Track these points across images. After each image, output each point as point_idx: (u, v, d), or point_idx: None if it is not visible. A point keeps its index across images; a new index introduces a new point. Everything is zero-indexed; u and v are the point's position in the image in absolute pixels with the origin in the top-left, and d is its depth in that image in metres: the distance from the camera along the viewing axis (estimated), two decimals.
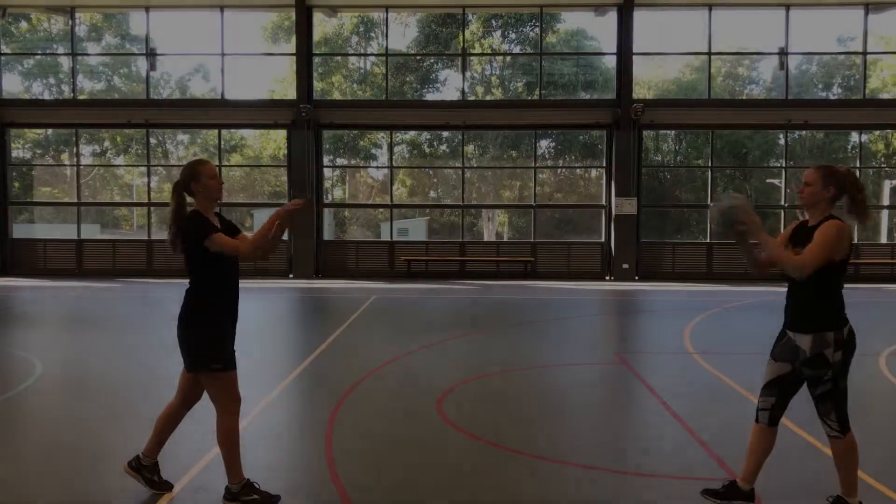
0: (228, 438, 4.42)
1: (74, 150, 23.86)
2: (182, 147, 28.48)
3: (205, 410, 5.05)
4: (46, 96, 25.29)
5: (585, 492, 4.72)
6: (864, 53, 21.68)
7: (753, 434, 4.40)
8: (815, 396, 4.17)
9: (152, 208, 23.05)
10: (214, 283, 4.40)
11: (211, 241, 4.27)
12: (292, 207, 4.38)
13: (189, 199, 4.50)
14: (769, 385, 4.33)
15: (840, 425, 4.14)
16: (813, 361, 4.10)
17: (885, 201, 24.07)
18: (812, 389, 4.17)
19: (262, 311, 13.98)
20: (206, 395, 4.56)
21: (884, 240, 23.61)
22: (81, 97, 23.34)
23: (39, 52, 26.15)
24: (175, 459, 5.05)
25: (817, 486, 4.70)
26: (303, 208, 4.48)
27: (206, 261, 4.36)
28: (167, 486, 4.60)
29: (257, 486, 4.48)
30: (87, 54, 26.38)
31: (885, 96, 24.41)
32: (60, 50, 25.83)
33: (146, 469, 4.57)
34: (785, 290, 4.34)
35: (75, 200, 22.77)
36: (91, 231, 24.62)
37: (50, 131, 25.42)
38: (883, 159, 25.65)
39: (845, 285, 4.21)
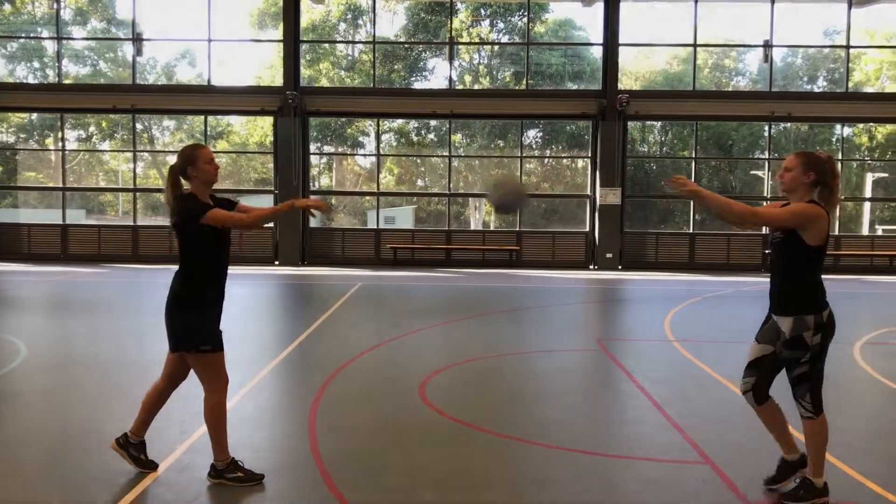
0: (215, 417, 4.51)
1: (60, 134, 23.73)
2: (168, 133, 28.37)
3: (192, 389, 5.13)
4: (31, 80, 25.11)
5: (563, 471, 4.83)
6: (848, 47, 21.88)
7: (759, 415, 4.58)
8: (792, 378, 4.30)
9: (138, 194, 22.99)
10: (205, 266, 4.49)
11: (209, 217, 4.35)
12: (314, 206, 4.50)
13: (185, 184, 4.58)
14: (750, 366, 4.49)
15: (814, 406, 4.27)
16: (792, 343, 4.23)
17: (868, 193, 24.32)
18: (789, 371, 4.30)
19: (248, 297, 14.02)
20: (192, 376, 4.65)
21: (865, 231, 23.87)
22: (67, 81, 23.20)
23: (24, 35, 25.93)
24: (161, 439, 5.12)
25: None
26: (325, 213, 4.62)
27: (198, 243, 4.44)
28: (152, 466, 4.67)
29: (242, 465, 4.57)
30: (74, 38, 26.21)
31: (868, 90, 24.65)
32: (45, 33, 25.64)
33: (133, 447, 4.65)
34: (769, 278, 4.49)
35: (60, 185, 22.69)
36: (76, 216, 24.53)
37: (35, 116, 25.26)
38: (866, 152, 25.90)
39: (826, 276, 4.34)
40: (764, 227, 4.45)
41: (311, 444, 5.26)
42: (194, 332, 4.44)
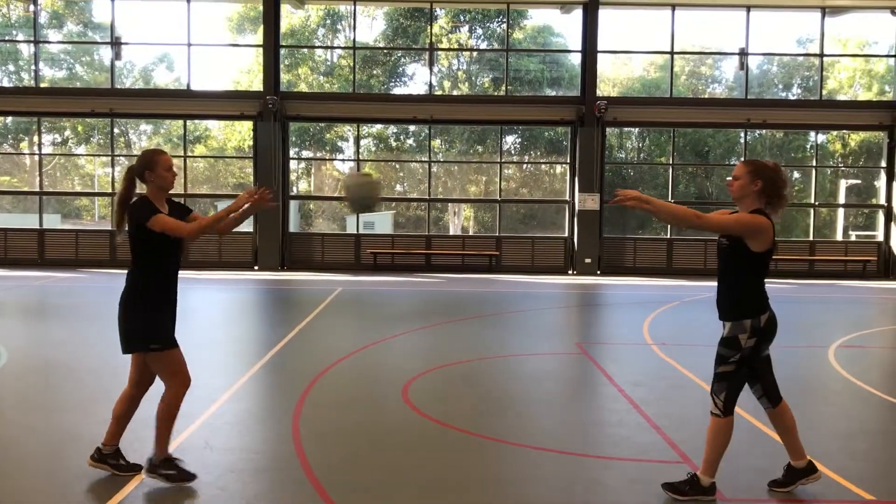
0: (167, 413, 4.55)
1: (35, 139, 23.54)
2: (145, 137, 28.22)
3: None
4: (6, 83, 24.89)
5: (546, 472, 4.91)
6: (822, 55, 22.24)
7: (771, 419, 4.64)
8: (716, 373, 4.41)
9: (114, 198, 22.85)
10: (154, 267, 4.53)
11: (153, 222, 4.40)
12: (259, 200, 4.51)
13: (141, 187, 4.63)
14: (749, 376, 4.54)
15: (724, 406, 4.39)
16: (726, 341, 4.37)
17: (841, 200, 24.69)
18: (716, 366, 4.41)
19: (228, 302, 14.00)
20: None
21: (839, 237, 24.23)
22: (43, 85, 23.03)
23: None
24: (142, 441, 5.14)
25: (771, 466, 4.92)
26: (269, 204, 4.61)
27: (146, 245, 4.49)
28: (136, 468, 4.67)
29: (177, 463, 4.59)
30: (51, 42, 26.04)
31: (841, 97, 25.05)
32: (20, 36, 25.44)
33: (110, 457, 4.64)
34: None
35: (37, 190, 22.49)
36: (51, 221, 24.32)
37: (9, 119, 25.03)
38: (839, 159, 26.29)
39: (800, 281, 4.45)
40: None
41: (295, 448, 5.29)
42: (141, 331, 4.49)
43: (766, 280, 4.47)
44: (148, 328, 4.49)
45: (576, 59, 23.25)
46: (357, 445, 5.40)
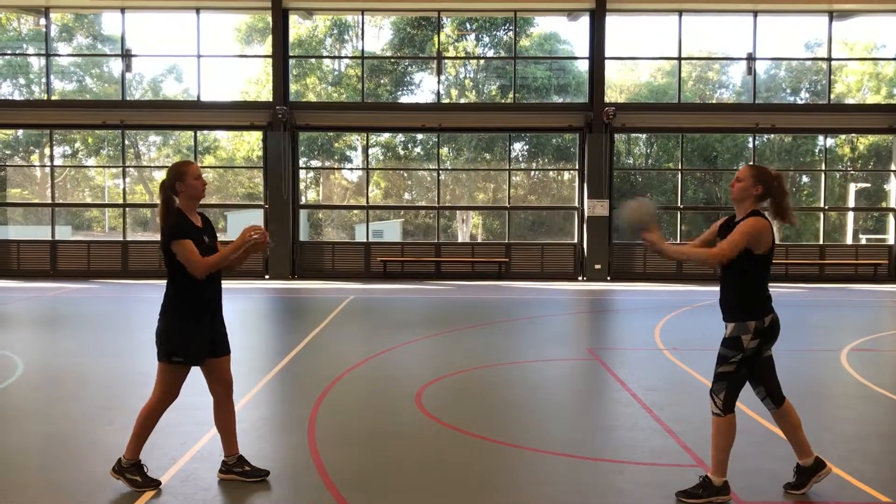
0: (147, 418, 4.63)
1: (47, 151, 23.71)
2: (154, 148, 28.40)
3: (191, 400, 5.22)
4: (17, 97, 25.09)
5: (559, 476, 4.94)
6: (829, 59, 22.22)
7: (776, 419, 4.66)
8: (716, 373, 4.46)
9: (127, 209, 22.99)
10: (187, 280, 4.59)
11: (177, 245, 4.49)
12: (252, 237, 4.56)
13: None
14: (752, 378, 4.58)
15: (724, 405, 4.44)
16: (728, 342, 4.42)
17: (851, 203, 24.64)
18: (716, 366, 4.46)
19: (240, 311, 14.06)
20: (187, 386, 4.73)
21: (849, 241, 24.17)
22: (54, 98, 23.22)
23: (10, 52, 25.88)
24: (164, 449, 5.20)
25: (783, 470, 4.94)
26: (265, 245, 4.67)
27: (175, 259, 4.57)
28: (154, 484, 4.65)
29: (145, 470, 4.64)
30: (63, 55, 26.26)
31: (850, 101, 25.02)
32: (31, 50, 25.66)
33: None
34: None
35: (48, 201, 22.67)
36: (63, 233, 24.48)
37: (20, 132, 25.22)
38: (848, 163, 26.24)
39: (812, 285, 4.49)
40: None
41: (311, 454, 5.34)
42: (168, 341, 4.57)
43: (769, 282, 4.52)
44: (177, 340, 4.56)
45: (583, 66, 23.31)
46: (373, 451, 5.44)
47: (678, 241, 22.26)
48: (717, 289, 4.69)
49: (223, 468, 4.81)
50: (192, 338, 4.60)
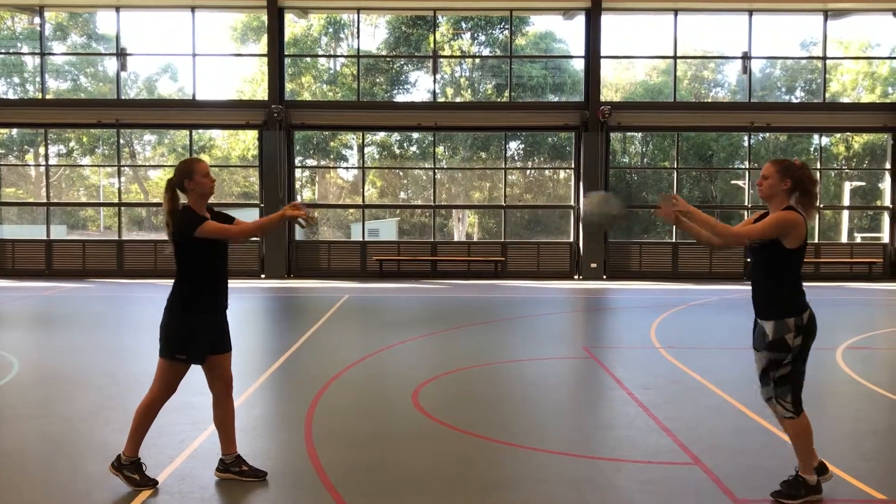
0: (145, 414, 4.64)
1: (42, 150, 23.66)
2: (150, 147, 28.35)
3: (187, 399, 5.21)
4: (11, 96, 25.02)
5: (556, 474, 4.94)
6: (824, 58, 22.27)
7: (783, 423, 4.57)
8: (775, 379, 4.41)
9: (122, 209, 22.95)
10: (199, 277, 4.61)
11: (202, 230, 4.50)
12: (302, 215, 4.63)
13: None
14: (762, 376, 4.51)
15: (794, 406, 4.40)
16: (775, 345, 4.36)
17: (846, 202, 24.70)
18: (773, 372, 4.41)
19: (236, 310, 14.01)
20: (185, 384, 4.73)
21: (844, 239, 24.23)
22: (49, 97, 23.16)
23: (4, 50, 25.79)
24: (160, 448, 5.19)
25: (780, 467, 4.95)
26: (312, 224, 4.73)
27: (193, 255, 4.58)
28: (151, 483, 4.67)
29: (144, 469, 4.64)
30: (58, 54, 26.18)
31: (844, 100, 25.09)
32: (25, 49, 25.59)
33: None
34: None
35: (43, 201, 22.62)
36: (58, 232, 24.43)
37: (15, 131, 25.15)
38: (843, 161, 26.31)
39: (806, 283, 4.49)
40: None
41: (308, 453, 5.34)
42: (175, 338, 4.59)
43: (802, 278, 4.50)
44: (180, 338, 4.58)
45: (578, 65, 23.32)
46: (369, 450, 5.44)
47: (674, 241, 22.31)
48: (713, 287, 4.70)
49: (220, 467, 4.81)
50: (196, 335, 4.60)
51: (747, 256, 4.29)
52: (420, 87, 26.01)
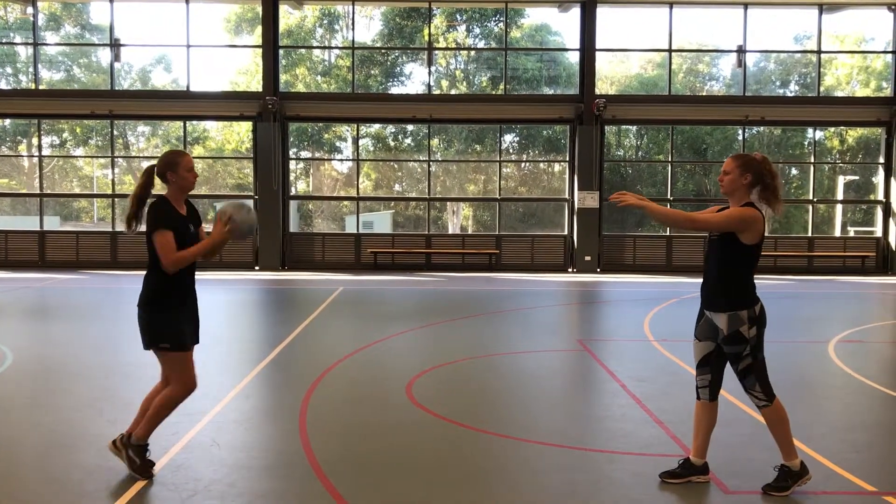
0: (164, 405, 4.63)
1: (35, 141, 23.56)
2: (143, 139, 28.24)
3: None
4: (3, 86, 24.89)
5: (550, 466, 4.96)
6: (819, 52, 22.30)
7: (697, 411, 4.71)
8: (738, 372, 4.49)
9: (116, 200, 22.89)
10: (161, 270, 4.58)
11: (156, 236, 4.48)
12: (226, 233, 4.54)
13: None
14: (702, 363, 4.66)
15: (765, 394, 4.46)
16: (731, 338, 4.44)
17: (839, 196, 24.76)
18: (734, 366, 4.50)
19: (230, 302, 14.04)
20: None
21: (837, 233, 24.29)
22: (42, 87, 23.05)
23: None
24: (154, 440, 5.18)
25: (772, 459, 4.98)
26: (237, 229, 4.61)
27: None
28: (150, 465, 4.71)
29: (147, 453, 4.65)
30: (51, 44, 26.04)
31: (839, 94, 25.11)
32: (18, 39, 25.44)
33: (132, 449, 4.68)
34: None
35: (36, 192, 22.55)
36: (51, 223, 24.35)
37: (8, 122, 25.03)
38: (837, 155, 26.35)
39: (800, 277, 4.52)
40: None
41: (302, 444, 5.35)
42: (154, 329, 4.58)
43: (756, 273, 4.57)
44: (160, 327, 4.57)
45: (574, 58, 23.29)
46: (363, 442, 5.45)
47: (668, 234, 22.36)
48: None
49: (120, 440, 4.71)
50: (181, 325, 4.61)
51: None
52: (415, 79, 25.96)
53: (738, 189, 4.46)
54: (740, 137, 23.50)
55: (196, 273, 4.80)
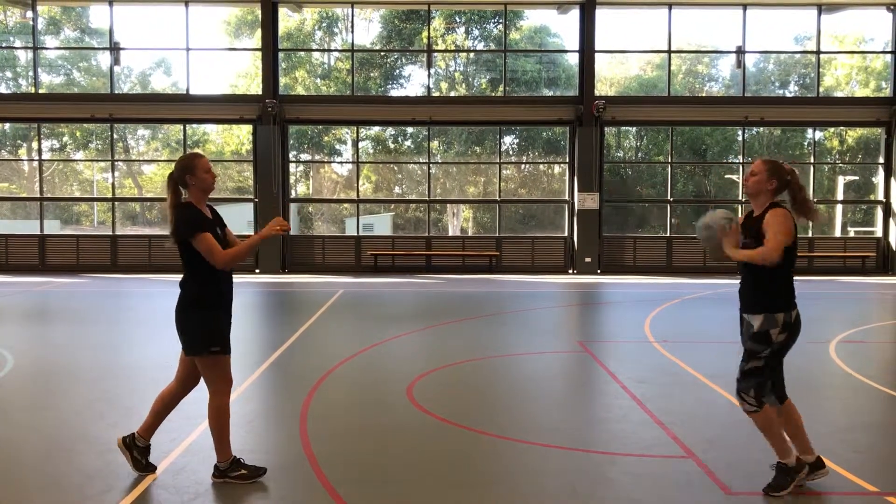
0: (219, 418, 4.62)
1: (35, 145, 23.57)
2: (143, 142, 28.23)
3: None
4: (3, 90, 24.91)
5: (551, 467, 4.96)
6: (818, 52, 22.32)
7: (774, 418, 4.56)
8: (745, 370, 4.46)
9: (116, 203, 22.89)
10: (204, 271, 4.58)
11: (198, 241, 4.47)
12: (278, 231, 4.57)
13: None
14: None
15: (756, 401, 4.44)
16: (757, 337, 4.41)
17: (839, 196, 24.76)
18: (744, 363, 4.47)
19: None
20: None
21: (837, 233, 24.30)
22: (42, 91, 23.06)
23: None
24: (155, 444, 5.18)
25: (773, 460, 4.98)
26: (285, 231, 4.67)
27: (195, 253, 4.55)
28: (151, 469, 4.74)
29: (243, 462, 4.69)
30: (51, 48, 26.06)
31: (838, 94, 25.11)
32: (17, 43, 25.46)
33: (136, 449, 4.71)
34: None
35: (37, 196, 22.56)
36: (52, 227, 24.36)
37: (8, 126, 25.05)
38: (837, 156, 26.36)
39: (800, 277, 4.51)
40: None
41: (303, 446, 5.34)
42: (203, 334, 4.57)
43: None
44: (208, 332, 4.56)
45: (573, 59, 23.32)
46: (365, 444, 5.45)
47: (668, 235, 22.36)
48: (706, 281, 4.72)
49: (129, 441, 4.74)
50: (224, 327, 4.65)
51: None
52: (414, 81, 25.98)
53: (763, 192, 4.46)
54: (740, 138, 23.51)
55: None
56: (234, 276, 4.83)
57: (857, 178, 25.20)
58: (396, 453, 5.25)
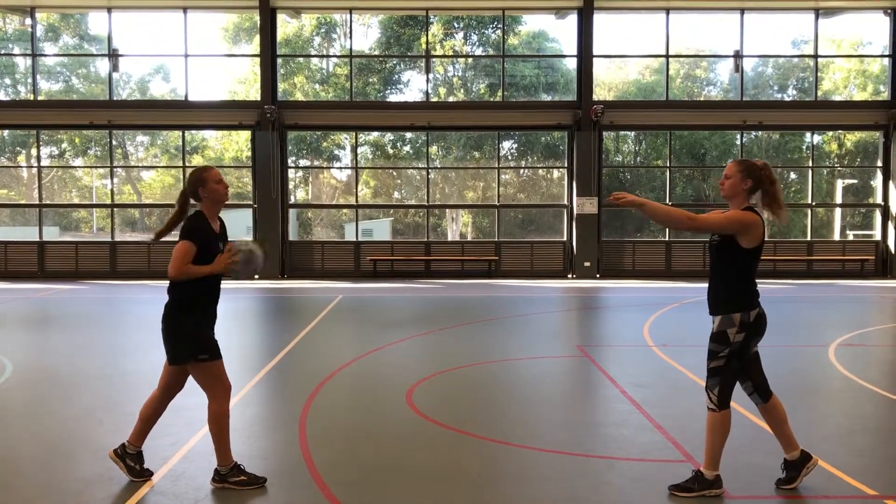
0: (218, 423, 4.62)
1: (34, 151, 23.58)
2: (142, 148, 28.25)
3: (182, 400, 5.22)
4: (2, 97, 24.93)
5: (550, 472, 4.96)
6: (816, 56, 22.35)
7: (762, 414, 4.71)
8: (708, 369, 4.53)
9: (115, 210, 22.89)
10: (197, 281, 4.59)
11: (180, 243, 4.51)
12: (229, 265, 4.60)
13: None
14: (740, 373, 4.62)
15: (719, 401, 4.49)
16: (716, 337, 4.48)
17: (838, 200, 24.79)
18: (708, 361, 4.53)
19: (230, 311, 14.03)
20: (186, 386, 4.76)
21: (836, 237, 24.31)
22: (41, 98, 23.07)
23: None
24: (154, 450, 5.19)
25: (772, 464, 4.97)
26: (231, 271, 4.67)
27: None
28: (146, 475, 4.74)
29: (244, 468, 4.70)
30: (50, 55, 26.09)
31: (836, 98, 25.15)
32: (16, 50, 25.48)
33: (129, 457, 4.73)
34: None
35: (36, 202, 22.56)
36: (51, 233, 24.35)
37: (7, 133, 25.06)
38: (835, 159, 26.38)
39: (799, 281, 4.53)
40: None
41: (302, 452, 5.34)
42: (188, 342, 4.58)
43: (756, 277, 4.57)
44: (195, 340, 4.58)
45: (571, 64, 23.36)
46: (364, 449, 5.45)
47: (667, 239, 22.37)
48: (706, 286, 4.72)
49: (120, 451, 4.76)
50: (209, 333, 4.66)
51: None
52: (413, 86, 26.01)
53: (739, 194, 4.50)
54: (738, 142, 23.54)
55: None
56: (234, 281, 4.84)
57: (855, 181, 25.22)
58: (396, 458, 5.25)
